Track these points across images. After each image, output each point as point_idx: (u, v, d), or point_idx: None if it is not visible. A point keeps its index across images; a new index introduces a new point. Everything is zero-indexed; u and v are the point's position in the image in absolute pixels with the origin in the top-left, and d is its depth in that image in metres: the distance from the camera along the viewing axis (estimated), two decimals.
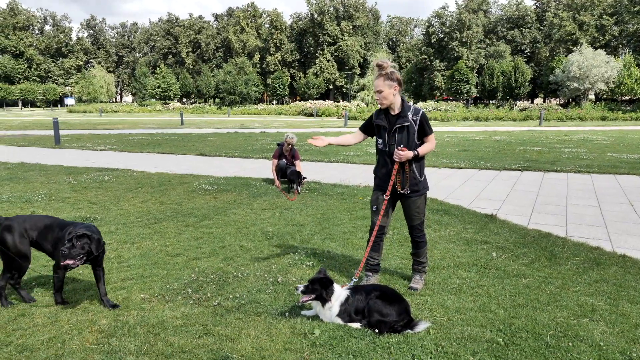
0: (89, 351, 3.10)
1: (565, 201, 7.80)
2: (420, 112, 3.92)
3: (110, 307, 3.71)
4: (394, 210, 4.25)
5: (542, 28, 74.52)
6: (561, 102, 59.94)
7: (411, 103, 4.08)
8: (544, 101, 68.39)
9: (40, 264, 4.73)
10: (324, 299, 3.46)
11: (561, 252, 5.10)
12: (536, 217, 6.76)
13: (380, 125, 4.01)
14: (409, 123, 3.88)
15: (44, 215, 4.01)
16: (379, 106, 4.01)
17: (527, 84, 60.58)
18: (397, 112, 3.94)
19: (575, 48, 56.62)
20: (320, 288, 3.44)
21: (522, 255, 5.00)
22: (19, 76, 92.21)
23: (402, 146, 3.88)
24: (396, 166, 3.91)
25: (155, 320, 3.51)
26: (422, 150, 3.92)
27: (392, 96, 3.88)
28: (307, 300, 3.46)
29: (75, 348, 3.14)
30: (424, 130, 3.93)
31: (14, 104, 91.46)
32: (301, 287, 3.47)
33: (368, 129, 4.18)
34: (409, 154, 3.84)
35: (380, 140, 4.04)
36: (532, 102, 66.33)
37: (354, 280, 3.92)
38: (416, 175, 3.99)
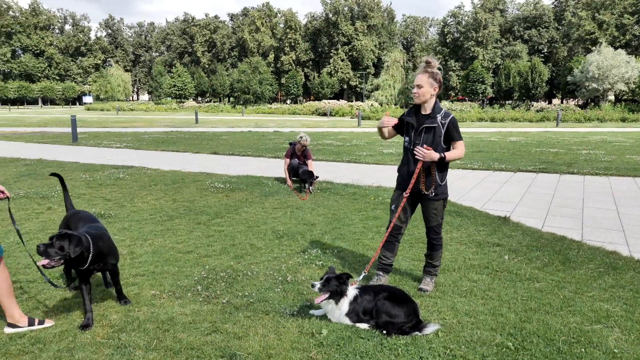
0: (99, 345, 3.14)
1: (581, 204, 7.68)
2: (450, 117, 3.88)
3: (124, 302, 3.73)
4: (413, 212, 4.21)
5: (560, 27, 73.50)
6: (579, 103, 59.05)
7: (443, 107, 4.05)
8: (562, 102, 67.44)
9: None
10: (340, 294, 3.42)
11: (576, 256, 5.01)
12: (551, 220, 6.66)
13: (409, 123, 4.01)
14: (436, 125, 3.86)
15: (85, 212, 4.01)
16: (414, 101, 3.98)
17: (544, 84, 59.76)
18: (428, 112, 3.93)
19: (594, 48, 55.71)
20: (338, 284, 3.42)
21: (535, 259, 4.94)
22: (40, 74, 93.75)
23: (424, 146, 3.85)
24: (419, 165, 3.88)
25: (164, 317, 3.53)
26: (449, 155, 3.86)
27: (429, 95, 3.88)
28: (322, 300, 3.41)
29: (86, 342, 3.18)
30: (452, 135, 3.87)
31: (34, 101, 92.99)
32: (318, 284, 3.40)
33: (399, 126, 4.16)
34: (434, 154, 3.79)
35: (407, 138, 4.04)
36: (550, 102, 65.46)
37: (364, 274, 3.93)
38: (437, 179, 3.95)
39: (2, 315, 3.54)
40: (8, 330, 3.34)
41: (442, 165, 3.96)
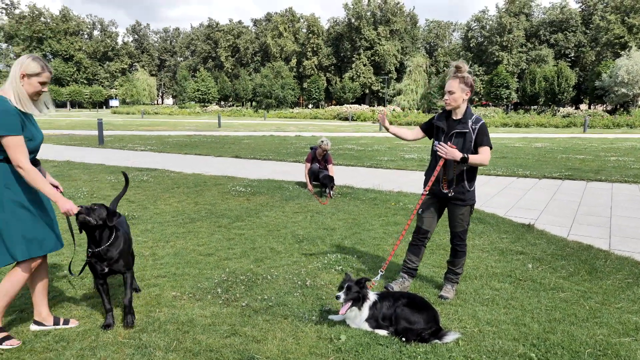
0: (120, 345, 3.18)
1: (609, 212, 7.49)
2: (481, 122, 3.85)
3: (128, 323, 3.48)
4: (440, 217, 4.18)
5: (587, 31, 72.05)
6: (608, 109, 57.72)
7: (474, 112, 4.03)
8: (589, 107, 66.01)
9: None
10: (362, 299, 3.39)
11: (603, 266, 4.88)
12: (577, 229, 6.51)
13: (439, 127, 3.99)
14: (467, 130, 3.83)
15: (123, 216, 4.01)
16: (446, 107, 3.95)
17: (570, 89, 58.63)
18: (459, 117, 3.91)
19: (623, 52, 54.47)
20: (359, 289, 3.39)
21: (560, 268, 4.82)
22: (68, 79, 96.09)
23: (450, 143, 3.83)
24: (441, 162, 3.86)
25: (185, 318, 3.56)
26: (473, 158, 3.79)
27: (462, 100, 3.86)
28: (347, 310, 3.36)
29: (108, 341, 3.23)
30: (481, 140, 3.83)
31: (62, 104, 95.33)
32: (342, 295, 3.34)
33: (429, 129, 4.16)
34: (457, 153, 3.75)
35: (436, 142, 4.01)
36: (577, 108, 64.14)
37: (381, 273, 3.91)
38: (465, 184, 3.91)
39: (28, 313, 3.62)
40: (34, 327, 3.42)
41: (471, 172, 3.92)
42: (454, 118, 3.94)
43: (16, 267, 3.19)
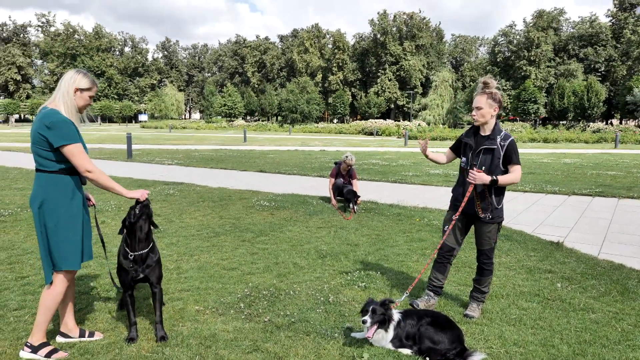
0: (144, 358, 3.21)
1: None
2: (510, 139, 3.81)
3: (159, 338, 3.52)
4: (466, 234, 4.13)
5: (618, 45, 70.65)
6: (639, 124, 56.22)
7: (503, 129, 3.98)
8: (621, 122, 64.41)
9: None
10: (388, 321, 3.34)
11: (635, 287, 4.72)
12: (608, 247, 6.32)
13: (467, 144, 3.97)
14: (495, 147, 3.79)
15: None
16: (474, 123, 3.94)
17: (601, 104, 57.40)
18: (487, 133, 3.88)
19: None
20: (384, 311, 3.34)
21: (591, 288, 4.68)
22: (100, 94, 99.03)
23: (483, 168, 3.80)
24: (470, 188, 3.82)
25: (207, 333, 3.58)
26: (503, 179, 3.76)
27: (490, 116, 3.84)
28: (373, 333, 3.30)
29: (131, 354, 3.27)
30: (510, 158, 3.79)
31: (93, 119, 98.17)
32: (368, 319, 3.28)
33: (457, 148, 4.14)
34: (485, 177, 3.72)
35: (464, 159, 3.99)
36: (607, 123, 62.67)
37: (406, 294, 3.87)
38: (493, 202, 3.87)
39: (55, 324, 3.69)
40: (60, 339, 3.48)
41: (499, 189, 3.87)
42: (482, 134, 3.90)
43: (55, 280, 3.26)
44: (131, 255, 3.45)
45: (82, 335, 3.51)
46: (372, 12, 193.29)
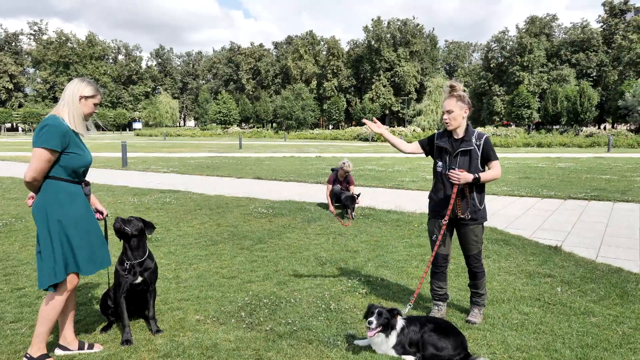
0: None
1: (638, 234, 7.29)
2: (484, 137, 3.87)
3: (155, 332, 3.74)
4: (452, 237, 4.14)
5: (609, 51, 71.36)
6: (631, 128, 56.68)
7: (474, 128, 4.01)
8: (613, 127, 64.91)
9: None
10: (391, 328, 3.35)
11: (634, 290, 4.73)
12: (605, 251, 6.34)
13: (442, 148, 3.95)
14: (472, 148, 3.82)
15: None
16: (446, 127, 3.94)
17: (593, 108, 57.89)
18: (461, 136, 3.90)
19: None
20: (390, 317, 3.35)
21: (590, 291, 4.69)
22: None
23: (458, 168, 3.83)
24: (455, 189, 3.82)
25: (209, 343, 3.55)
26: (484, 175, 3.80)
27: (461, 118, 3.86)
28: (375, 334, 3.31)
29: None
30: (488, 155, 3.85)
31: (103, 127, 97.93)
32: (374, 321, 3.29)
33: (427, 146, 4.13)
34: (468, 176, 3.74)
35: (440, 163, 3.97)
36: (599, 127, 63.15)
37: (409, 307, 3.83)
38: (476, 202, 3.89)
39: (54, 337, 3.65)
40: (59, 352, 3.43)
41: (479, 187, 3.90)
42: (456, 137, 3.91)
43: (56, 289, 3.22)
44: (127, 263, 3.67)
45: (81, 347, 3.46)
46: (366, 18, 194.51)
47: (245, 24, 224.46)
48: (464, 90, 3.93)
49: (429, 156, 4.15)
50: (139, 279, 3.69)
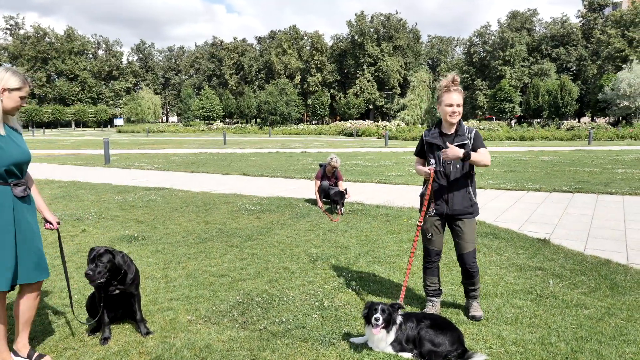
0: None
1: (623, 225, 7.38)
2: (474, 131, 3.91)
3: (145, 334, 3.65)
4: (444, 231, 4.09)
5: (588, 45, 72.44)
6: (610, 121, 57.68)
7: (471, 127, 4.05)
8: (592, 120, 66.00)
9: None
10: (393, 323, 3.32)
11: (624, 281, 4.78)
12: (593, 242, 6.41)
13: (434, 144, 3.91)
14: (466, 142, 3.82)
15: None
16: (451, 121, 3.85)
17: (574, 102, 58.73)
18: (453, 131, 3.88)
19: (624, 65, 54.64)
20: (392, 311, 3.32)
21: (581, 284, 4.72)
22: (73, 98, 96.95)
23: (458, 166, 3.82)
24: (431, 179, 3.86)
25: (201, 344, 3.48)
26: (475, 155, 3.74)
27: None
28: (380, 330, 3.28)
29: None
30: (477, 144, 3.84)
31: (67, 124, 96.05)
32: (381, 317, 3.25)
33: (422, 152, 4.09)
34: (458, 150, 3.68)
35: (432, 160, 3.92)
36: (579, 121, 64.15)
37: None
38: (472, 196, 3.90)
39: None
40: (12, 356, 3.24)
41: (473, 180, 3.94)
42: (448, 133, 3.89)
43: None
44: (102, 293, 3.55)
45: (29, 357, 3.24)
46: (349, 13, 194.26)
47: (228, 18, 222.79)
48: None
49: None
50: (117, 291, 3.58)
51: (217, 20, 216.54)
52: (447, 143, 3.78)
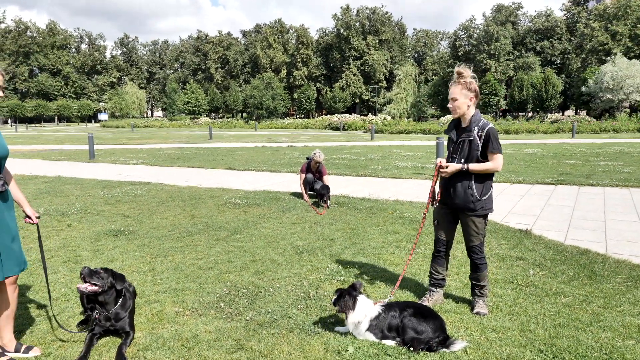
0: None
1: (603, 216, 7.56)
2: (488, 127, 3.73)
3: None
4: (456, 225, 4.10)
5: (572, 39, 73.19)
6: (594, 114, 58.49)
7: (482, 117, 3.87)
8: (576, 113, 66.81)
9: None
10: (352, 299, 3.43)
11: (602, 270, 4.91)
12: (573, 233, 6.56)
13: (450, 138, 4.00)
14: (472, 138, 3.76)
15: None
16: (453, 115, 3.92)
17: (558, 95, 59.39)
18: (465, 125, 3.87)
19: (608, 58, 55.36)
20: (345, 291, 3.50)
21: (560, 273, 4.85)
22: (56, 93, 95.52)
23: (462, 160, 3.82)
24: (435, 175, 3.92)
25: (189, 334, 3.52)
26: (475, 166, 3.73)
27: (466, 107, 3.80)
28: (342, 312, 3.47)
29: None
30: (488, 146, 3.72)
31: (50, 119, 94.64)
32: (334, 297, 3.53)
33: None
34: (453, 167, 3.76)
35: (447, 153, 4.04)
36: (563, 114, 64.95)
37: (390, 297, 3.85)
38: (474, 192, 3.79)
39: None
40: None
41: (479, 177, 3.80)
42: (462, 126, 3.90)
43: None
44: (96, 314, 3.42)
45: (17, 350, 3.25)
46: (335, 6, 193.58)
47: (213, 11, 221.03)
48: (473, 77, 3.80)
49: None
50: (110, 327, 3.43)
51: (201, 14, 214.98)
52: (444, 162, 3.86)
